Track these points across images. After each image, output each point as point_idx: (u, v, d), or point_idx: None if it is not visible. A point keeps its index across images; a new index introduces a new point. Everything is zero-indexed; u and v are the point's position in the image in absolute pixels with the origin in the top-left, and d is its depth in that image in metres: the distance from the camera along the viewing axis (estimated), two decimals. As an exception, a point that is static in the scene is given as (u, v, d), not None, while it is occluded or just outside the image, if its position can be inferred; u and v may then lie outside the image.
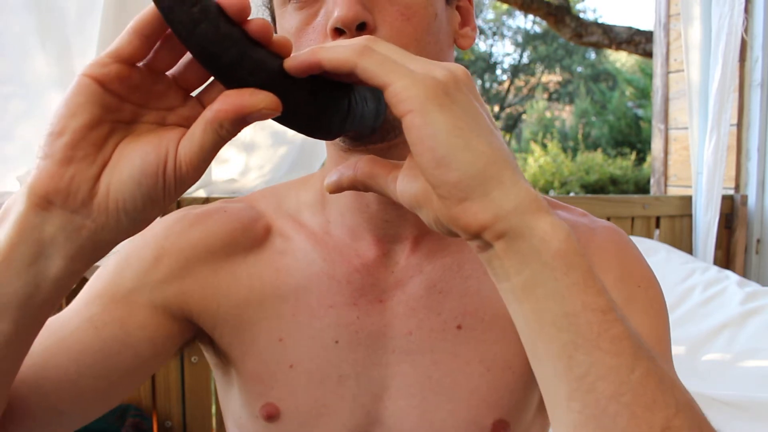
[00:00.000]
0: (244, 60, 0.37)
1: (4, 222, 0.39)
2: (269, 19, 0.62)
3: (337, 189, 0.46)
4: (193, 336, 0.65)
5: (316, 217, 0.65)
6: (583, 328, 0.37)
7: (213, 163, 1.67)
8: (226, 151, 1.69)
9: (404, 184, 0.42)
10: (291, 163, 1.73)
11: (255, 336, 0.62)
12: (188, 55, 0.41)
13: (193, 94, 0.43)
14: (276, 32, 0.60)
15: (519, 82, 16.46)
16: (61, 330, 0.55)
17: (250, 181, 1.73)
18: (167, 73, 0.41)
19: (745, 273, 2.45)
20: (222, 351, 0.64)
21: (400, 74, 0.38)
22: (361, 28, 0.51)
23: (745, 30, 2.31)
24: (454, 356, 0.61)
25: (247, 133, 1.69)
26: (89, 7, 1.32)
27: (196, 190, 1.61)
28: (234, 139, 0.40)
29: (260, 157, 1.75)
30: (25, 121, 1.36)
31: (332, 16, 0.51)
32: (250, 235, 0.64)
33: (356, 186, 0.45)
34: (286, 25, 0.56)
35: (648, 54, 4.75)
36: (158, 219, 0.65)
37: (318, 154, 1.76)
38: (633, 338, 0.38)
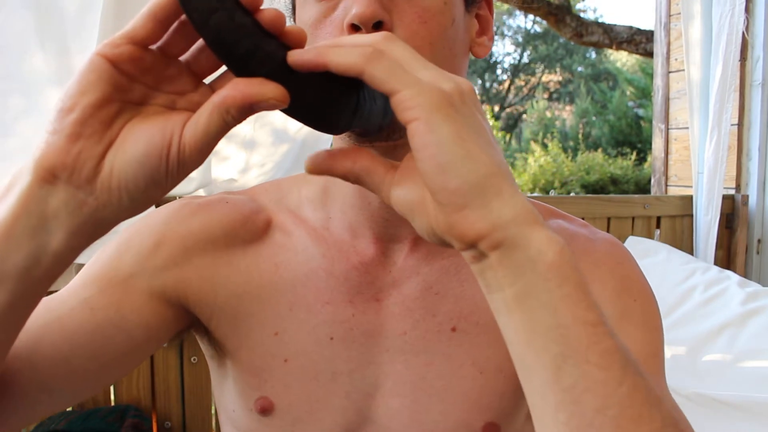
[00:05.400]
0: (256, 51, 0.38)
1: (9, 194, 0.39)
2: (290, 8, 0.62)
3: (327, 173, 0.44)
4: (188, 325, 0.65)
5: (317, 213, 0.65)
6: (573, 340, 0.38)
7: (213, 161, 1.67)
8: (227, 148, 1.68)
9: (399, 190, 0.42)
10: (292, 161, 1.72)
11: (251, 328, 0.62)
12: (202, 42, 0.41)
13: (206, 81, 0.43)
14: (295, 22, 0.61)
15: (519, 82, 16.45)
16: (59, 308, 0.55)
17: (251, 179, 1.73)
18: (180, 58, 0.42)
19: (745, 273, 2.45)
20: (218, 342, 0.65)
21: (408, 83, 0.38)
22: (378, 27, 0.51)
23: (746, 29, 2.31)
24: (448, 358, 0.61)
25: (248, 130, 1.69)
26: (88, 6, 1.33)
27: (196, 190, 1.60)
28: (235, 136, 0.40)
29: (261, 155, 1.74)
30: (24, 118, 1.36)
31: (350, 11, 0.51)
32: (250, 228, 0.64)
33: (348, 177, 0.44)
34: (305, 15, 0.57)
35: (649, 53, 4.74)
36: (162, 206, 0.65)
37: (319, 153, 1.75)
38: (622, 353, 0.39)
